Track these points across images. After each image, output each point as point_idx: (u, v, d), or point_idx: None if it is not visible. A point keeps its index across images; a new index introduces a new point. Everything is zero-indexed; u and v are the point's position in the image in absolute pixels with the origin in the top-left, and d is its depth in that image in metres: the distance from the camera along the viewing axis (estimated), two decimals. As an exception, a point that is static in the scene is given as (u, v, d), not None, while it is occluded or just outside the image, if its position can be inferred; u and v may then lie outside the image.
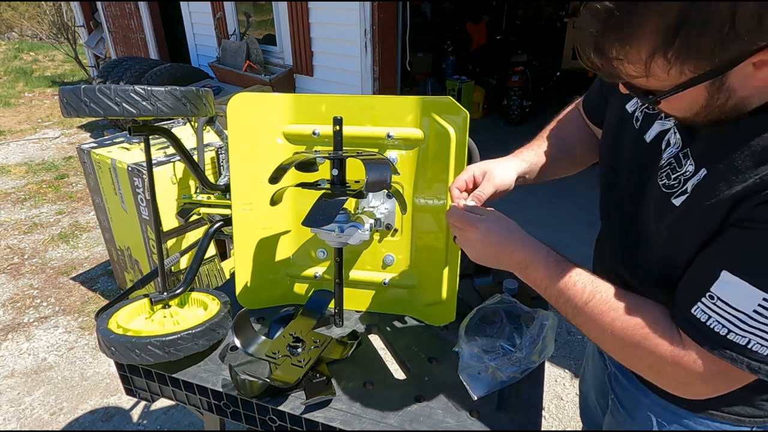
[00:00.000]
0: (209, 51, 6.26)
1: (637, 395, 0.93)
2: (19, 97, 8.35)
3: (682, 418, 0.86)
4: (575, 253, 0.74)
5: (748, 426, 0.81)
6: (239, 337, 1.03)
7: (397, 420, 0.91)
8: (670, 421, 0.88)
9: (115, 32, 8.08)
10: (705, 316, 0.62)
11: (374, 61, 4.32)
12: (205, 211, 2.01)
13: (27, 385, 2.40)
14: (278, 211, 1.16)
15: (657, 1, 0.51)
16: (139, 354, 0.97)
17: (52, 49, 11.47)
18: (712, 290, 0.61)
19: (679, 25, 0.51)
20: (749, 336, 0.59)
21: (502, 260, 0.83)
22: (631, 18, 0.53)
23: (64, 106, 0.94)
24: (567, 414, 2.21)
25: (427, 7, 7.92)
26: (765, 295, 0.57)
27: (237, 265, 1.21)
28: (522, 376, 0.97)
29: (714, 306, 0.61)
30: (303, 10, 4.69)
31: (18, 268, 3.43)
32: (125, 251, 2.70)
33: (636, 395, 0.93)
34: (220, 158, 2.33)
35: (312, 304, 1.15)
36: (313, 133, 1.14)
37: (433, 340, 1.14)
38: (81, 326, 2.82)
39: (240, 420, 0.98)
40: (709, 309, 0.62)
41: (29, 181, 4.92)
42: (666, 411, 0.88)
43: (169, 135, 1.13)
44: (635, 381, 0.93)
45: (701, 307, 0.63)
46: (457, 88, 6.18)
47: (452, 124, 1.07)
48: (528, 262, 0.80)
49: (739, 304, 0.59)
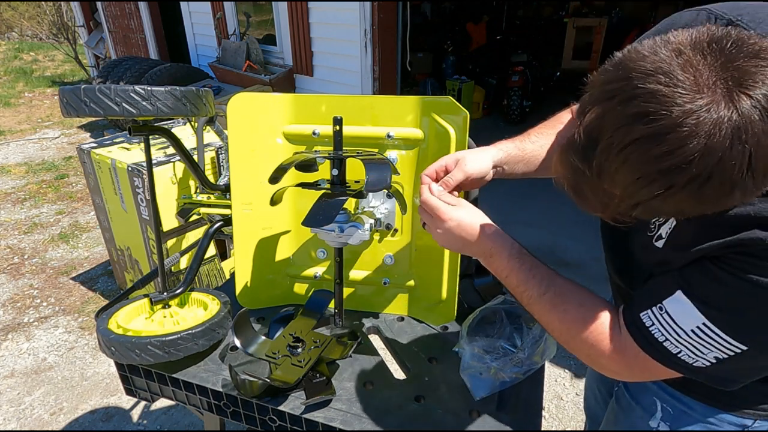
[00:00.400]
0: (209, 51, 6.26)
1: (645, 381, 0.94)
2: (19, 97, 8.35)
3: (689, 406, 0.88)
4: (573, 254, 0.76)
5: (751, 418, 0.84)
6: (239, 337, 1.03)
7: (397, 420, 0.91)
8: (674, 408, 0.90)
9: (115, 32, 8.07)
10: (650, 322, 0.70)
11: (374, 61, 4.32)
12: (205, 211, 2.01)
13: (27, 385, 2.40)
14: (278, 211, 1.16)
15: None
16: (139, 354, 0.97)
17: (52, 49, 11.47)
18: (664, 303, 0.68)
19: (637, 205, 0.59)
20: (681, 347, 0.67)
21: (468, 247, 0.88)
22: (602, 182, 0.59)
23: (64, 106, 0.94)
24: (567, 414, 2.21)
25: (427, 7, 7.92)
26: (705, 321, 0.64)
27: (237, 265, 1.21)
28: (524, 377, 0.97)
29: (660, 317, 0.69)
30: (303, 10, 4.69)
31: (18, 268, 3.43)
32: (125, 251, 2.70)
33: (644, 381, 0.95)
34: (220, 158, 2.33)
35: (312, 304, 1.15)
36: (313, 133, 1.14)
37: (433, 340, 1.14)
38: (81, 326, 2.82)
39: (240, 420, 0.98)
40: (655, 318, 0.69)
41: (29, 181, 4.92)
42: (672, 398, 0.90)
43: (169, 135, 1.13)
44: None
45: (649, 314, 0.70)
46: (457, 88, 6.18)
47: (452, 124, 1.07)
48: (493, 252, 0.86)
49: (682, 321, 0.66)
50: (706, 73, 0.51)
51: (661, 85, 0.52)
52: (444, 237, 0.89)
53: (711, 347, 0.65)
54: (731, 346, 0.63)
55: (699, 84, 0.51)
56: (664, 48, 0.54)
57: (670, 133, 0.51)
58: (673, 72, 0.52)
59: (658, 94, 0.51)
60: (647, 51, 0.55)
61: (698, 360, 0.67)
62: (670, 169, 0.52)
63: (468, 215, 0.88)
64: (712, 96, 0.50)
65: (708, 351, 0.65)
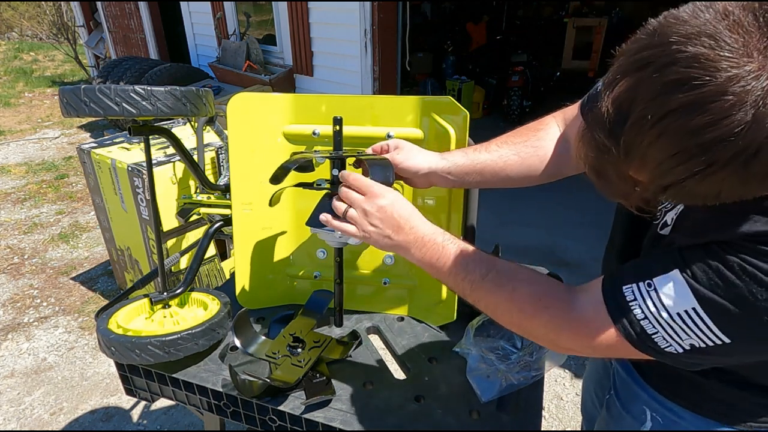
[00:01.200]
0: (209, 51, 6.26)
1: (636, 389, 0.93)
2: (19, 97, 8.35)
3: (678, 415, 0.87)
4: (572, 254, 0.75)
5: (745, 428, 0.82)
6: (239, 337, 1.03)
7: (397, 420, 0.91)
8: (664, 417, 0.89)
9: (115, 32, 8.07)
10: (631, 297, 0.64)
11: (374, 61, 4.32)
12: (205, 211, 2.01)
13: (27, 385, 2.40)
14: (278, 211, 1.16)
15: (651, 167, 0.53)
16: (139, 354, 0.97)
17: (52, 49, 11.47)
18: (654, 280, 0.63)
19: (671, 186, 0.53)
20: (659, 329, 0.62)
21: (399, 234, 0.84)
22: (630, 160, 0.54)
23: (64, 106, 0.94)
24: (567, 414, 2.21)
25: (427, 7, 7.92)
26: (697, 306, 0.59)
27: (237, 265, 1.21)
28: (531, 380, 0.97)
29: (646, 293, 0.63)
30: (303, 10, 4.69)
31: (18, 268, 3.43)
32: (125, 251, 2.70)
33: (634, 389, 0.94)
34: (220, 158, 2.33)
35: (312, 304, 1.15)
36: (313, 133, 1.14)
37: (433, 340, 1.14)
38: (81, 326, 2.82)
39: (240, 420, 0.98)
40: (639, 293, 0.64)
41: (29, 181, 4.92)
42: (662, 407, 0.88)
43: (169, 135, 1.13)
44: (635, 374, 0.94)
45: (634, 288, 0.64)
46: (457, 88, 6.18)
47: (452, 124, 1.07)
48: (427, 239, 0.82)
49: (670, 302, 0.61)
50: (757, 36, 0.46)
51: (705, 48, 0.46)
52: (375, 219, 0.84)
53: (692, 334, 0.60)
54: (714, 336, 0.59)
55: (749, 47, 0.45)
56: (708, 10, 0.48)
57: (715, 102, 0.45)
58: (719, 34, 0.46)
59: (702, 58, 0.46)
60: (688, 14, 0.49)
61: (672, 345, 0.62)
62: (712, 142, 0.47)
63: (403, 201, 0.85)
64: (763, 61, 0.45)
65: (687, 338, 0.61)
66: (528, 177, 1.00)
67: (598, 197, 0.70)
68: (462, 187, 1.07)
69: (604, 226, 1.11)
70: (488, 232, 0.89)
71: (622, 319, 0.65)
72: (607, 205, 0.90)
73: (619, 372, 1.00)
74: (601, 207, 4.14)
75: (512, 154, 0.99)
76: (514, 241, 3.49)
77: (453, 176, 0.99)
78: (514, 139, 1.00)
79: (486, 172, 0.99)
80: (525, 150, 0.99)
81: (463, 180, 1.00)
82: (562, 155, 0.99)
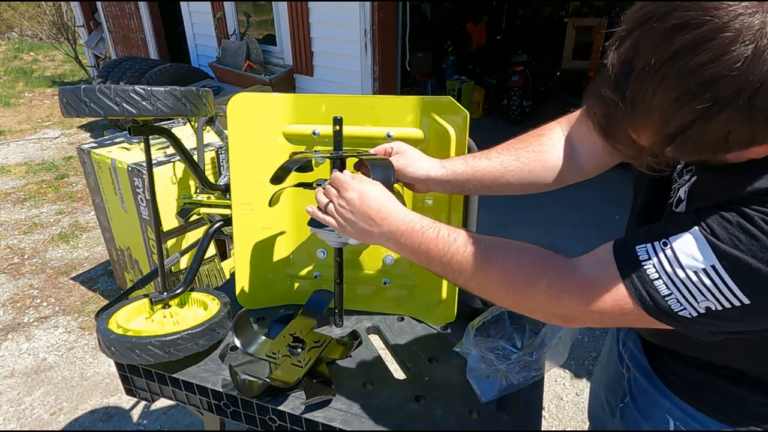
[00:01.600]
0: (209, 51, 6.26)
1: (656, 396, 0.90)
2: (19, 97, 8.35)
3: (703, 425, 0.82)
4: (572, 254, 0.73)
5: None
6: (239, 337, 1.03)
7: (397, 420, 0.91)
8: (688, 426, 0.85)
9: (115, 32, 8.07)
10: (645, 256, 0.62)
11: (374, 61, 4.32)
12: (205, 211, 2.01)
13: (27, 385, 2.40)
14: (278, 211, 1.16)
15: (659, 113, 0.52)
16: (139, 354, 0.97)
17: (52, 49, 11.46)
18: (670, 239, 0.60)
19: (678, 134, 0.53)
20: (674, 290, 0.59)
21: (373, 225, 0.83)
22: (636, 113, 0.54)
23: (64, 106, 0.94)
24: (567, 414, 2.21)
25: (427, 7, 7.92)
26: (716, 264, 0.57)
27: (237, 265, 1.21)
28: (532, 381, 0.97)
29: (662, 252, 0.60)
30: (303, 10, 4.69)
31: (18, 268, 3.43)
32: (125, 251, 2.70)
33: (655, 396, 0.90)
34: (220, 158, 2.33)
35: (312, 304, 1.15)
36: (313, 133, 1.14)
37: (433, 340, 1.14)
38: (81, 326, 2.82)
39: (240, 420, 0.98)
40: (654, 252, 0.61)
41: (29, 181, 4.92)
42: (686, 415, 0.85)
43: (169, 135, 1.13)
44: (656, 380, 0.90)
45: (648, 248, 0.62)
46: (457, 88, 6.18)
47: (452, 124, 1.07)
48: (404, 228, 0.80)
49: (687, 260, 0.59)
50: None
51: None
52: (355, 208, 0.83)
53: (709, 295, 0.58)
54: (733, 296, 0.57)
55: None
56: None
57: (713, 39, 0.46)
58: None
59: (700, 1, 0.47)
60: None
61: (686, 308, 0.59)
62: (713, 79, 0.47)
63: (382, 190, 0.84)
64: None
65: (703, 299, 0.58)
66: (530, 183, 0.98)
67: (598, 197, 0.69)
68: (462, 193, 1.06)
69: (604, 226, 1.11)
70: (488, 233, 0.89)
71: (634, 278, 0.62)
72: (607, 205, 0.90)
73: (637, 378, 0.96)
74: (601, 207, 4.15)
75: (513, 160, 0.97)
76: (514, 241, 3.49)
77: (452, 184, 0.99)
78: (516, 145, 0.99)
79: (486, 178, 0.97)
80: (526, 155, 0.97)
81: (463, 187, 0.99)
82: (566, 160, 0.97)
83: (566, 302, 0.67)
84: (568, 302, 0.67)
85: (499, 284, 0.73)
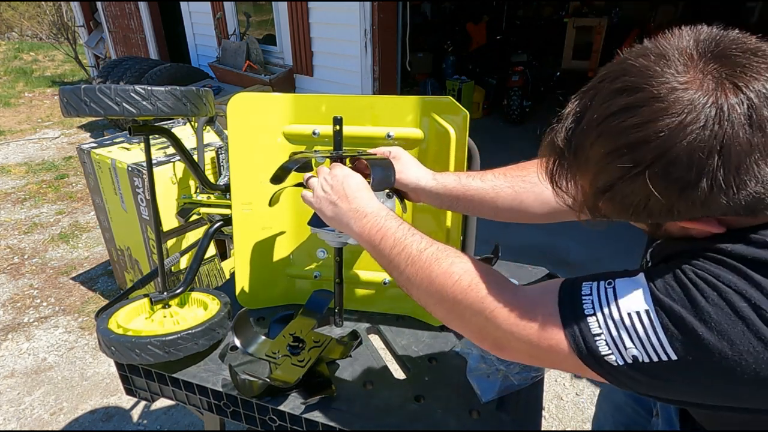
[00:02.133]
0: (209, 51, 6.26)
1: (540, 365, 0.86)
2: (19, 97, 8.35)
3: None
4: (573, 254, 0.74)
5: None
6: (239, 337, 1.03)
7: (397, 420, 0.91)
8: None
9: (115, 32, 8.07)
10: (587, 291, 0.62)
11: (374, 61, 4.32)
12: (205, 211, 2.01)
13: (27, 385, 2.40)
14: (278, 211, 1.16)
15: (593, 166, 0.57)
16: (139, 354, 0.97)
17: (52, 49, 11.47)
18: (616, 280, 0.61)
19: (606, 190, 0.57)
20: (604, 330, 0.58)
21: (343, 202, 0.86)
22: (578, 162, 0.59)
23: (64, 106, 0.94)
24: (567, 414, 2.21)
25: (427, 7, 7.92)
26: (650, 309, 0.57)
27: (237, 265, 1.21)
28: (531, 381, 0.97)
29: (603, 290, 0.61)
30: (303, 10, 4.69)
31: (18, 268, 3.43)
32: (125, 251, 2.70)
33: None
34: (220, 158, 2.33)
35: (312, 304, 1.15)
36: (313, 132, 1.14)
37: (433, 340, 1.14)
38: (81, 326, 2.82)
39: (240, 420, 0.98)
40: (596, 289, 0.61)
41: (29, 181, 4.92)
42: None
43: (169, 135, 1.13)
44: None
45: (593, 285, 0.62)
46: (457, 88, 6.18)
47: (452, 124, 1.07)
48: (368, 212, 0.83)
49: (624, 300, 0.59)
50: (699, 60, 0.52)
51: (652, 63, 0.52)
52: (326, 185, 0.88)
53: (638, 341, 0.57)
54: (660, 348, 0.56)
55: (689, 67, 0.51)
56: (664, 39, 0.55)
57: (645, 106, 0.51)
58: (668, 54, 0.52)
59: (647, 70, 0.52)
60: (646, 43, 0.56)
61: (613, 353, 0.58)
62: (638, 142, 0.51)
63: (354, 176, 0.88)
64: (701, 79, 0.50)
65: (631, 345, 0.57)
66: (519, 212, 0.96)
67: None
68: (451, 210, 1.05)
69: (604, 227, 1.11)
70: (488, 232, 0.89)
71: (570, 310, 0.61)
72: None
73: None
74: (601, 207, 4.13)
75: (506, 186, 0.96)
76: (514, 241, 3.49)
77: (441, 198, 0.99)
78: (513, 172, 0.98)
79: (475, 199, 0.97)
80: (521, 184, 0.96)
81: (452, 204, 0.99)
82: None
83: (498, 320, 0.66)
84: (500, 320, 0.66)
85: (440, 285, 0.71)
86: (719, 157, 0.49)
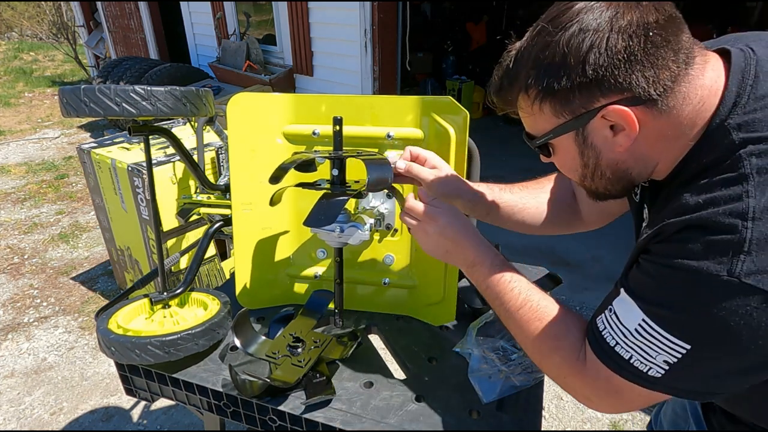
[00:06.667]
0: (209, 51, 6.26)
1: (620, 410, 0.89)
2: (19, 97, 8.35)
3: None
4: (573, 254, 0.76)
5: None
6: (239, 337, 1.03)
7: (397, 420, 0.91)
8: None
9: (115, 32, 8.08)
10: (602, 326, 0.69)
11: (374, 61, 4.32)
12: (205, 211, 2.01)
13: (27, 385, 2.40)
14: (278, 211, 1.16)
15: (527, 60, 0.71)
16: (139, 354, 0.97)
17: (52, 49, 11.47)
18: (613, 304, 0.68)
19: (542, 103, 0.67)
20: (631, 352, 0.64)
21: (452, 255, 0.89)
22: (516, 69, 0.71)
23: (64, 106, 0.94)
24: (567, 414, 2.21)
25: (427, 7, 7.91)
26: (644, 317, 0.62)
27: (237, 265, 1.21)
28: (533, 382, 0.97)
29: (610, 318, 0.68)
30: (303, 10, 4.69)
31: (18, 268, 3.43)
32: (125, 251, 2.70)
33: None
34: (220, 158, 2.33)
35: (312, 304, 1.15)
36: (313, 133, 1.14)
37: (433, 340, 1.14)
38: (81, 326, 2.82)
39: (240, 420, 0.98)
40: (606, 320, 0.68)
41: (29, 181, 4.92)
42: None
43: (169, 135, 1.13)
44: None
45: (602, 318, 0.69)
46: (457, 88, 6.18)
47: (452, 123, 1.07)
48: (475, 262, 0.86)
49: (626, 320, 0.65)
50: None
51: None
52: (431, 242, 0.90)
53: (657, 348, 0.62)
54: (674, 344, 0.60)
55: None
56: None
57: None
58: None
59: None
60: None
61: (651, 367, 0.63)
62: None
63: (452, 221, 0.88)
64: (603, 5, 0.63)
65: (656, 353, 0.62)
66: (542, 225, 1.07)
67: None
68: (475, 218, 1.10)
69: (605, 227, 1.11)
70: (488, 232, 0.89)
71: (601, 350, 0.68)
72: (607, 205, 0.90)
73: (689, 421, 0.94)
74: (601, 207, 4.13)
75: (531, 199, 1.06)
76: (515, 241, 3.49)
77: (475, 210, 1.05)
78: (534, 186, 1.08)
79: (504, 211, 1.06)
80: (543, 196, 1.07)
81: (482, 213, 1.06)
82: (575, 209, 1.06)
83: (570, 382, 0.75)
84: (571, 383, 0.75)
85: (528, 345, 0.81)
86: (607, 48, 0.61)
